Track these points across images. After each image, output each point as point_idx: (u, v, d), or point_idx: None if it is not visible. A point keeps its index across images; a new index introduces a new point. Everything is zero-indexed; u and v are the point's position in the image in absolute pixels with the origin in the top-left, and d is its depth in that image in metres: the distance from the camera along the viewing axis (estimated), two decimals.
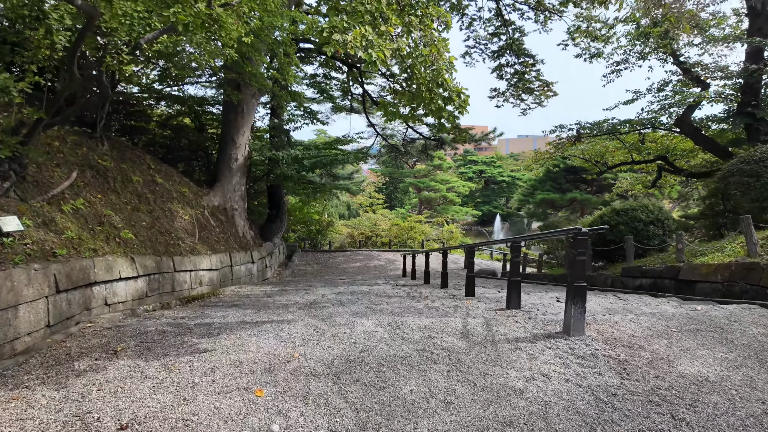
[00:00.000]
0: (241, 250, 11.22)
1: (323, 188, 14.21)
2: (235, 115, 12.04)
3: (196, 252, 8.58)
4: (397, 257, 18.29)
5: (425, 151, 19.56)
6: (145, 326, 4.01)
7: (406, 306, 5.69)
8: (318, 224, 19.75)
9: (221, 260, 9.57)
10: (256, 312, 5.03)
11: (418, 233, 21.63)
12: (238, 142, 12.15)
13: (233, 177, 12.26)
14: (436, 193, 38.91)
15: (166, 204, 9.01)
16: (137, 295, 5.91)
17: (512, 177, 69.30)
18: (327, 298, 6.69)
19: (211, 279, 8.95)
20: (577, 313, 3.84)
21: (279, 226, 14.76)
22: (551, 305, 5.59)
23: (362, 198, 39.68)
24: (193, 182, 12.08)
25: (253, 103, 12.24)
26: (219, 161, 12.33)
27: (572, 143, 15.73)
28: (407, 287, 9.24)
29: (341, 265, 16.42)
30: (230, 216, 12.23)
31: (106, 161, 7.75)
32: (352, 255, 18.30)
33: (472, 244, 7.12)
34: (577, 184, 28.04)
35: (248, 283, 11.36)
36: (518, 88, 17.77)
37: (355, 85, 18.31)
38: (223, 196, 12.11)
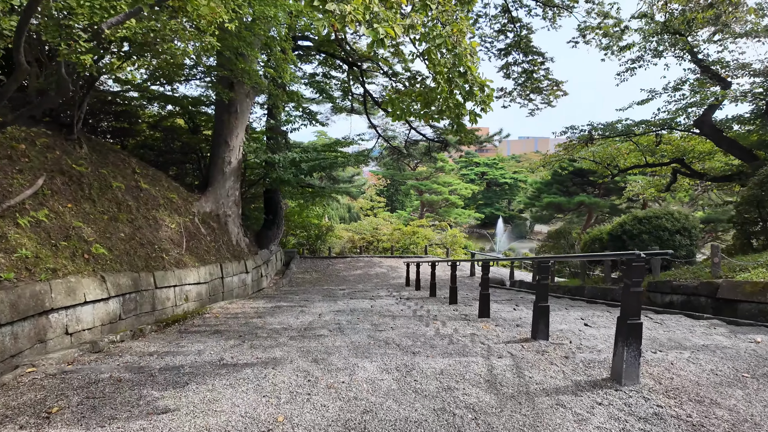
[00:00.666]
0: (233, 260, 10.50)
1: (322, 192, 13.50)
2: (228, 115, 11.33)
3: (182, 265, 7.86)
4: (399, 264, 17.56)
5: (428, 153, 18.85)
6: (98, 371, 3.28)
7: (414, 332, 4.96)
8: (317, 229, 19.04)
9: (211, 272, 8.85)
10: (239, 344, 4.30)
11: (421, 238, 20.90)
12: (232, 144, 11.44)
13: (226, 181, 11.55)
14: (438, 196, 38.18)
15: (151, 212, 8.29)
16: (108, 318, 5.19)
17: (514, 179, 68.58)
18: (324, 320, 5.96)
19: (199, 293, 8.22)
20: (630, 357, 3.11)
21: (276, 232, 14.04)
22: (582, 333, 4.86)
23: (363, 201, 38.96)
24: (184, 187, 11.37)
25: (247, 102, 11.54)
26: (211, 165, 11.62)
27: (584, 145, 15.00)
28: (412, 302, 8.51)
29: (341, 272, 15.69)
30: (223, 223, 11.51)
31: (82, 166, 7.04)
32: (353, 261, 17.57)
33: (488, 259, 6.38)
34: (583, 187, 27.27)
35: (241, 295, 10.64)
36: (526, 87, 17.06)
37: (356, 85, 17.61)
38: (216, 202, 11.39)
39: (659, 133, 13.74)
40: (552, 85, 16.10)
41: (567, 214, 27.26)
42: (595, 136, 14.31)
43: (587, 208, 25.43)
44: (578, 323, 5.59)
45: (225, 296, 9.52)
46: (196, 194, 11.23)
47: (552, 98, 16.63)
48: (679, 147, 14.82)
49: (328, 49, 15.43)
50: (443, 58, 3.71)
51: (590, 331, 4.98)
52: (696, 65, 13.27)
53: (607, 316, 6.33)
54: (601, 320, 5.87)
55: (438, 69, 3.70)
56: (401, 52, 14.90)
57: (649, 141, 14.72)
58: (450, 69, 3.70)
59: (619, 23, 14.87)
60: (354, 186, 21.08)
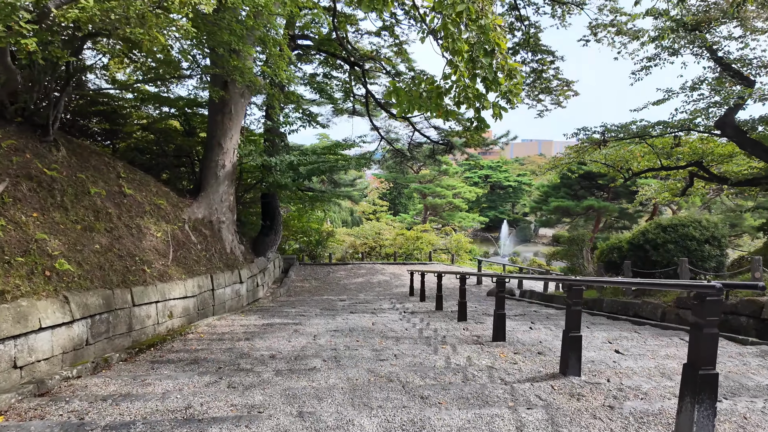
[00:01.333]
0: (226, 270, 9.85)
1: (323, 197, 12.85)
2: (222, 116, 10.71)
3: (166, 277, 7.21)
4: (402, 271, 16.87)
5: (432, 155, 18.19)
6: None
7: (422, 362, 4.29)
8: (318, 234, 18.39)
9: (200, 284, 8.20)
10: (215, 381, 3.64)
11: (424, 243, 20.21)
12: (226, 146, 10.81)
13: (220, 186, 10.92)
14: (442, 199, 37.49)
15: (134, 220, 7.65)
16: (72, 344, 4.54)
17: (519, 182, 67.90)
18: (319, 343, 5.30)
19: (186, 308, 7.57)
20: (702, 417, 2.43)
21: (273, 238, 13.40)
22: (617, 366, 4.17)
23: (366, 205, 38.32)
24: (175, 192, 10.74)
25: (242, 103, 10.91)
26: (204, 168, 11.00)
27: (596, 147, 14.30)
28: (417, 317, 7.83)
29: (342, 280, 15.02)
30: (216, 230, 10.87)
31: (55, 170, 6.41)
32: (354, 269, 16.90)
33: (503, 275, 5.70)
34: (592, 191, 26.53)
35: (235, 307, 9.99)
36: (535, 87, 16.39)
37: (357, 86, 16.99)
38: (209, 208, 10.76)
39: (677, 134, 13.03)
40: (562, 85, 15.43)
41: (575, 219, 26.50)
42: (608, 138, 13.62)
43: (596, 213, 24.68)
44: (608, 350, 4.90)
45: (216, 310, 8.87)
46: (188, 200, 10.61)
47: (562, 99, 15.96)
48: (696, 149, 14.10)
49: (329, 48, 14.82)
50: (464, 32, 3.02)
51: (626, 362, 4.30)
52: (716, 63, 12.58)
53: (637, 339, 5.64)
54: (633, 346, 5.18)
55: (457, 47, 3.01)
56: (404, 50, 14.12)
57: (664, 143, 14.00)
58: (474, 46, 3.01)
59: (633, 19, 14.23)
60: (356, 190, 20.44)
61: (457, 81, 3.24)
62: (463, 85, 3.28)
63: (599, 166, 16.52)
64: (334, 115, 20.21)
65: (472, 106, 3.45)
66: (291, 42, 14.42)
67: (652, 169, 14.89)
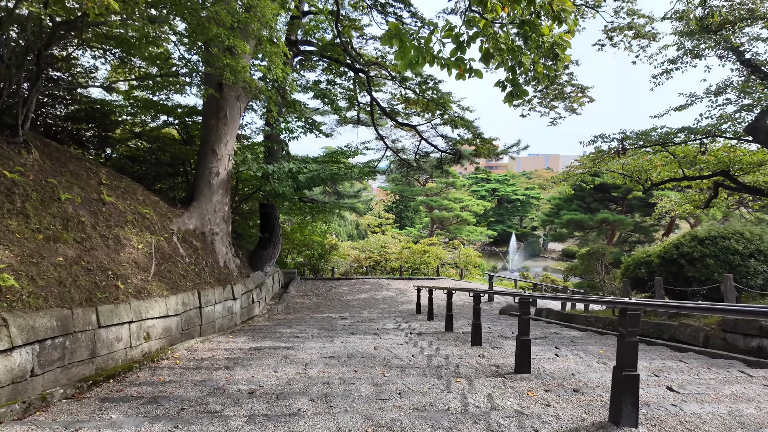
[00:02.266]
0: (217, 285, 9.08)
1: (324, 208, 12.12)
2: (216, 120, 10.06)
3: (144, 294, 6.45)
4: (409, 287, 16.01)
5: (440, 166, 17.45)
6: None
7: (433, 403, 3.47)
8: (320, 247, 17.62)
9: (185, 301, 7.42)
10: None
11: (432, 257, 19.35)
12: (220, 152, 10.14)
13: (213, 195, 10.22)
14: (449, 213, 36.66)
15: (113, 230, 6.94)
16: (10, 377, 3.76)
17: (527, 195, 67.08)
18: (309, 375, 4.48)
19: (167, 329, 6.79)
20: None
21: (272, 252, 12.64)
22: (681, 413, 3.32)
23: (371, 218, 37.60)
24: (166, 201, 10.07)
25: (238, 106, 10.28)
26: (197, 176, 10.32)
27: (614, 156, 13.49)
28: (425, 340, 6.99)
29: (344, 296, 14.19)
30: (209, 242, 10.14)
31: (18, 173, 5.73)
32: (358, 284, 16.06)
33: (528, 295, 4.86)
34: (605, 204, 25.59)
35: (227, 326, 9.19)
36: (548, 94, 15.69)
37: (362, 93, 16.39)
38: (201, 218, 10.05)
39: (704, 141, 12.20)
40: (576, 91, 14.70)
41: (588, 232, 25.51)
42: (628, 147, 12.81)
43: (610, 226, 23.73)
44: (658, 386, 4.04)
45: (203, 329, 8.08)
46: (179, 209, 9.91)
47: (576, 105, 15.22)
48: (722, 158, 13.24)
49: (332, 54, 14.24)
50: None
51: (689, 406, 3.44)
52: (743, 65, 11.81)
53: (687, 371, 4.76)
54: (686, 380, 4.31)
55: None
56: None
57: (687, 151, 13.17)
58: None
59: (652, 21, 13.56)
60: (361, 201, 19.71)
61: (484, 30, 2.47)
62: (493, 34, 2.53)
63: (616, 176, 15.67)
64: (338, 125, 19.63)
65: (503, 63, 2.68)
66: (293, 47, 13.87)
67: (674, 180, 14.02)
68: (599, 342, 6.93)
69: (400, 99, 17.06)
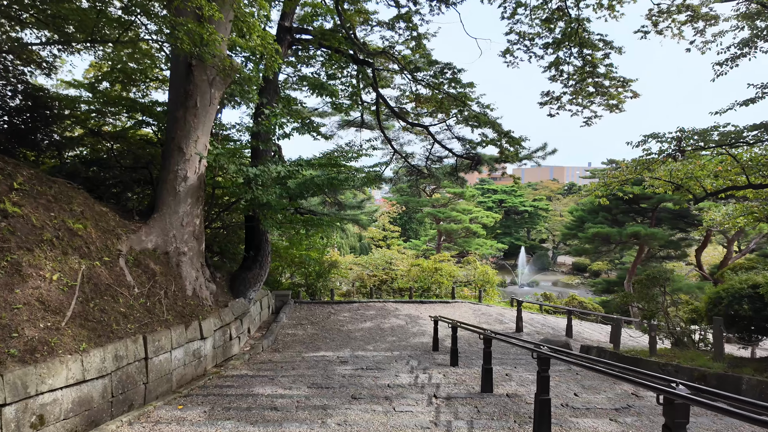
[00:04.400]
0: (178, 323, 6.92)
1: (322, 221, 9.98)
2: (184, 111, 7.99)
3: (43, 352, 4.31)
4: (420, 312, 13.79)
5: (454, 173, 15.33)
6: None
7: None
8: (318, 265, 15.47)
9: (119, 353, 5.27)
10: None
11: (445, 276, 17.15)
12: (188, 152, 8.05)
13: (180, 205, 8.11)
14: (458, 224, 34.47)
15: (12, 254, 4.83)
16: None
17: (534, 207, 64.94)
18: None
19: (83, 401, 4.63)
20: None
21: (257, 273, 10.49)
22: None
23: (375, 230, 35.47)
24: (119, 213, 7.97)
25: (211, 94, 8.21)
26: (159, 182, 8.23)
27: (664, 160, 11.36)
28: (462, 420, 4.78)
29: (345, 325, 11.98)
30: (173, 264, 8.01)
31: None
32: (361, 309, 13.85)
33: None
34: (631, 216, 23.41)
35: (189, 377, 7.01)
36: (580, 90, 13.61)
37: (366, 90, 14.37)
38: (163, 234, 7.93)
39: None
40: (617, 85, 12.61)
41: (614, 247, 23.28)
42: (687, 148, 10.69)
43: (639, 241, 21.50)
44: None
45: (151, 389, 5.89)
46: (135, 223, 7.80)
47: (615, 102, 13.11)
48: None
49: (332, 43, 12.20)
50: None
51: None
52: None
53: None
54: None
55: None
56: (423, 45, 11.22)
57: (755, 158, 11.02)
58: None
59: (708, 2, 11.54)
60: (364, 213, 17.60)
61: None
62: None
63: (663, 185, 13.51)
64: (339, 128, 17.63)
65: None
66: (287, 35, 11.88)
67: (737, 188, 11.83)
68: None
69: (410, 97, 15.02)
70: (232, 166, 7.81)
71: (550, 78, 14.24)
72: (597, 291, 25.84)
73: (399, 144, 15.72)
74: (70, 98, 9.98)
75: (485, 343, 6.08)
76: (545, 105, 14.51)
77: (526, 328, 12.49)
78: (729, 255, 21.18)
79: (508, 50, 14.17)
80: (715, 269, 22.18)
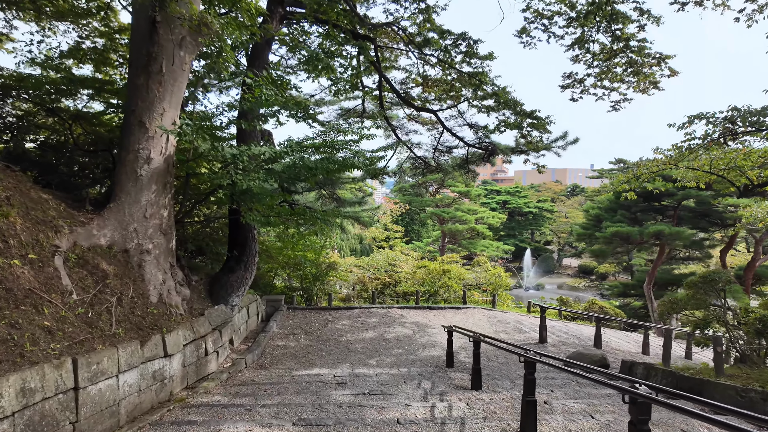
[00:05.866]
0: (130, 339, 5.46)
1: (315, 217, 8.53)
2: (147, 77, 6.56)
3: None
4: (429, 319, 12.32)
5: (465, 165, 13.86)
6: None
7: None
8: (314, 266, 14.02)
9: (24, 388, 3.80)
10: None
11: (454, 279, 15.68)
12: (152, 127, 6.62)
13: (142, 192, 6.67)
14: (463, 225, 32.98)
15: None
16: None
17: (539, 208, 63.50)
18: None
19: None
20: None
21: (242, 276, 9.04)
22: None
23: (376, 230, 34.01)
24: (70, 203, 6.55)
25: (181, 58, 6.78)
26: (117, 164, 6.79)
27: (711, 145, 9.93)
28: None
29: (344, 335, 10.51)
30: (134, 264, 6.57)
31: None
32: (362, 316, 12.38)
33: None
34: (650, 214, 21.94)
35: (147, 406, 5.53)
36: (608, 70, 12.16)
37: (368, 74, 12.94)
38: (121, 228, 6.49)
39: None
40: (651, 63, 11.15)
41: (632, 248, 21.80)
42: (740, 131, 9.26)
43: (660, 241, 20.01)
44: None
45: (85, 430, 4.43)
46: (86, 214, 6.37)
47: (647, 84, 11.65)
48: None
49: (330, 16, 10.78)
50: None
51: None
52: None
53: None
54: None
55: None
56: (432, 20, 9.53)
57: None
58: None
59: None
60: (365, 210, 16.14)
61: None
62: None
63: (699, 176, 12.05)
64: (339, 117, 16.19)
65: None
66: (278, 7, 10.48)
67: None
68: None
69: (416, 81, 13.59)
70: (203, 144, 6.35)
71: (573, 58, 12.81)
72: (612, 295, 24.33)
73: (404, 133, 14.29)
74: (27, 76, 8.54)
75: (527, 366, 4.61)
76: (567, 88, 13.07)
77: (550, 338, 11.00)
78: (757, 256, 19.67)
79: (525, 30, 12.72)
80: (741, 272, 20.68)
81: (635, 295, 23.59)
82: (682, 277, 22.29)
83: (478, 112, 12.95)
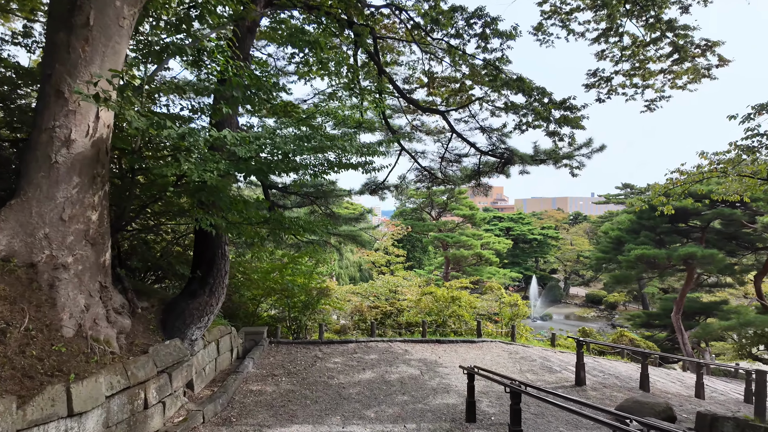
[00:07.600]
0: (6, 392, 3.58)
1: (297, 224, 6.76)
2: (68, 33, 4.92)
3: None
4: (439, 356, 10.35)
5: (476, 176, 12.19)
6: None
7: None
8: (305, 293, 12.13)
9: None
10: None
11: (465, 307, 13.74)
12: (73, 98, 4.94)
13: (58, 186, 4.92)
14: (468, 250, 31.08)
15: None
16: None
17: (543, 235, 61.80)
18: None
19: None
20: None
21: (207, 301, 7.18)
22: None
23: (377, 255, 32.10)
24: None
25: (118, 9, 5.16)
26: (25, 148, 5.09)
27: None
28: None
29: (335, 377, 8.52)
30: (44, 284, 4.76)
31: None
32: (359, 351, 10.39)
33: None
34: (674, 236, 20.14)
35: None
36: (638, 67, 10.65)
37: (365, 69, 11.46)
38: (24, 234, 4.70)
39: None
40: (695, 54, 9.62)
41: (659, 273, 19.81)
42: None
43: (689, 265, 18.13)
44: None
45: None
46: None
47: (690, 77, 10.09)
48: None
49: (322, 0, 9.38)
50: None
51: None
52: None
53: None
54: None
55: None
56: (439, 6, 7.81)
57: None
58: None
59: None
60: (363, 229, 14.31)
61: None
62: None
63: (751, 184, 10.34)
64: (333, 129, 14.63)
65: None
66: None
67: None
68: None
69: (420, 81, 12.09)
70: (136, 119, 4.63)
71: (598, 54, 11.35)
72: (634, 326, 22.25)
73: (407, 141, 12.67)
74: None
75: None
76: (592, 88, 11.54)
77: (591, 379, 9.00)
78: None
79: (541, 25, 11.32)
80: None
81: (660, 325, 21.50)
82: (713, 305, 20.29)
83: (491, 115, 11.40)
